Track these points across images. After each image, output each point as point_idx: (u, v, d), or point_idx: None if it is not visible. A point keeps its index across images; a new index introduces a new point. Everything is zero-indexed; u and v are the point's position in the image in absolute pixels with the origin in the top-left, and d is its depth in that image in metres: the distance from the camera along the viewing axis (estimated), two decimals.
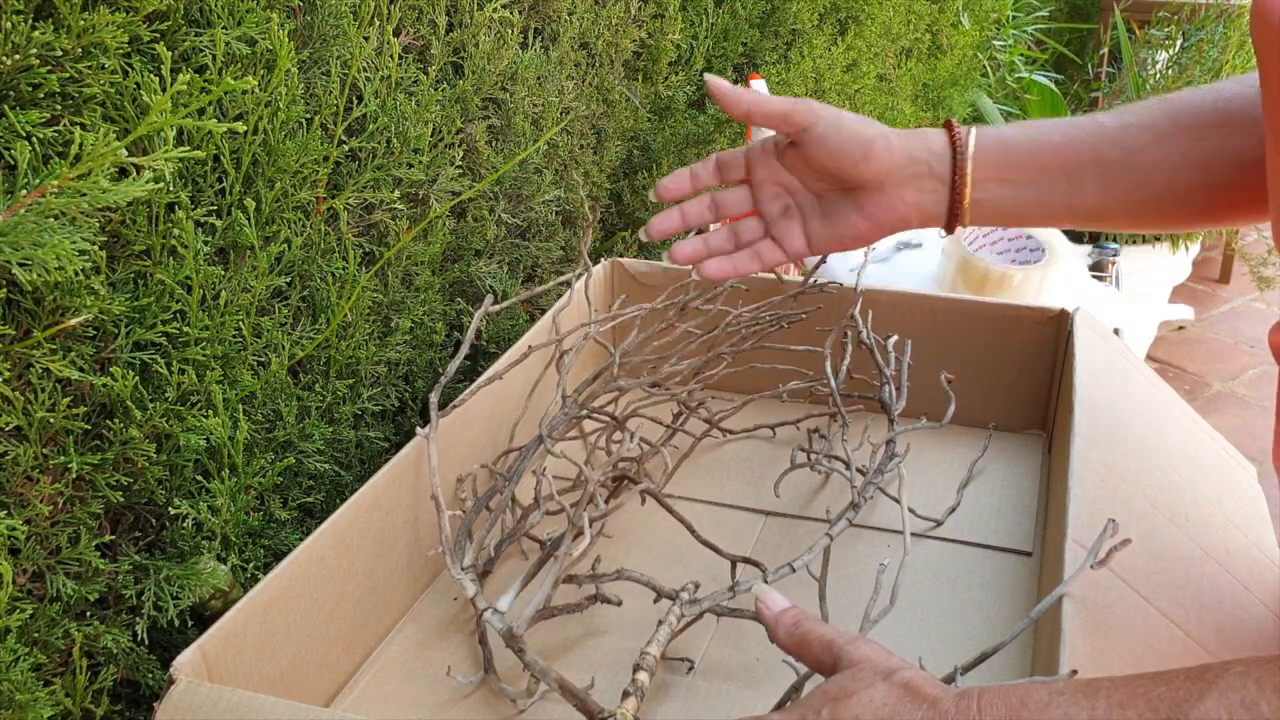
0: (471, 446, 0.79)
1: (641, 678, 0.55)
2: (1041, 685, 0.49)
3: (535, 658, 0.59)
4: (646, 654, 0.57)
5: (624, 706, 0.54)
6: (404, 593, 0.72)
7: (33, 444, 0.57)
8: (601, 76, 1.11)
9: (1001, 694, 0.48)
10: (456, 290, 0.97)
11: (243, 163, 0.68)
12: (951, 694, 0.49)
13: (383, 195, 0.82)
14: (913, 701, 0.50)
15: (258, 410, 0.74)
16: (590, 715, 0.54)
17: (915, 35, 2.04)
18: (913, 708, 0.49)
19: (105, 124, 0.58)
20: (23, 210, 0.49)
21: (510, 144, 0.97)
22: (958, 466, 0.87)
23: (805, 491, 0.85)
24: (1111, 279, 1.41)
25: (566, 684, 0.56)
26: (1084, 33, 3.25)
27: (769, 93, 1.13)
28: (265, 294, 0.72)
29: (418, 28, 0.84)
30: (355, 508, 0.66)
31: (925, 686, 0.50)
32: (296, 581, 0.61)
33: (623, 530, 0.80)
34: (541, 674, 0.58)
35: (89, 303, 0.58)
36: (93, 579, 0.61)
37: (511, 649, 0.60)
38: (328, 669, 0.65)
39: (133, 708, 0.66)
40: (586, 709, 0.55)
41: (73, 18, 0.54)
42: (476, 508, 0.73)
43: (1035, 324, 0.90)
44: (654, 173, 1.23)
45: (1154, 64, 2.15)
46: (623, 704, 0.54)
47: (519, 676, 0.64)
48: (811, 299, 0.92)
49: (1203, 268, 2.99)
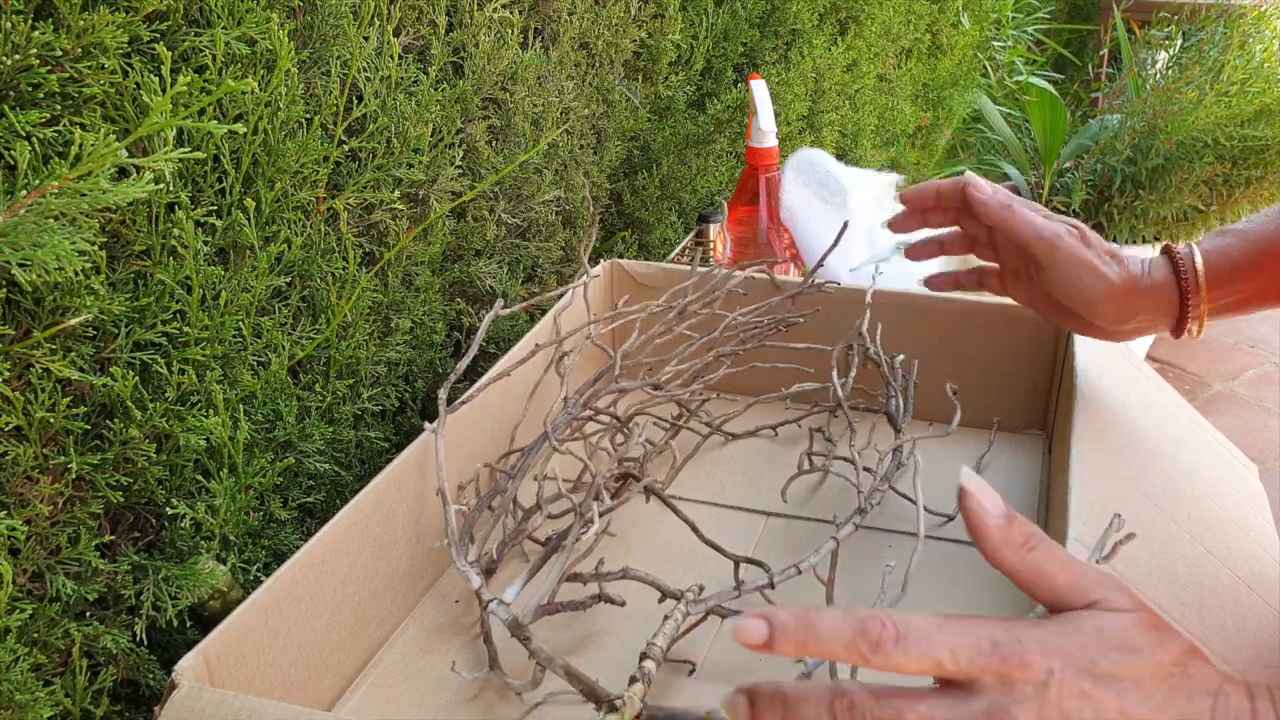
0: (472, 448, 0.79)
1: (649, 665, 0.55)
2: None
3: (541, 645, 0.59)
4: (653, 644, 0.57)
5: (631, 691, 0.54)
6: (405, 596, 0.72)
7: (33, 444, 0.57)
8: (601, 76, 1.11)
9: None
10: (456, 290, 0.97)
11: (243, 163, 0.68)
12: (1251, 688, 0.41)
13: (383, 195, 0.82)
14: (1201, 673, 0.41)
15: (258, 410, 0.73)
16: (598, 701, 0.54)
17: (915, 35, 2.04)
18: (1205, 683, 0.41)
19: (105, 124, 0.58)
20: (23, 211, 0.49)
21: (510, 144, 0.97)
22: (959, 464, 0.87)
23: (807, 492, 0.85)
24: None
25: (573, 671, 0.56)
26: (1084, 33, 3.25)
27: (768, 93, 1.13)
28: (265, 294, 0.72)
29: (418, 28, 0.84)
30: (356, 511, 0.65)
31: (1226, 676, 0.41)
32: (297, 585, 0.61)
33: (625, 531, 0.80)
34: (547, 661, 0.58)
35: (89, 303, 0.58)
36: (92, 579, 0.61)
37: (517, 637, 0.60)
38: (330, 672, 0.65)
39: (132, 708, 0.66)
40: (594, 695, 0.55)
41: (73, 18, 0.54)
42: (479, 507, 0.73)
43: (1035, 324, 0.90)
44: (654, 173, 1.23)
45: (1154, 64, 2.15)
46: (630, 689, 0.54)
47: (523, 675, 0.64)
48: (811, 300, 0.92)
49: None
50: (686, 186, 1.29)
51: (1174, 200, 1.96)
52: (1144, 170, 1.96)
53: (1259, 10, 2.11)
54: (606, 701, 0.54)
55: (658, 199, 1.25)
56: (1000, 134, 2.36)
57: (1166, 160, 1.93)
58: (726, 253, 1.18)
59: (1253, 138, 1.86)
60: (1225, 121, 1.89)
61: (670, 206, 1.28)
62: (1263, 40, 2.01)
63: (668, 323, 0.88)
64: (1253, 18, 2.08)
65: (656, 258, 1.30)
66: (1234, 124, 1.89)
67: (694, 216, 1.32)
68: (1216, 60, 1.98)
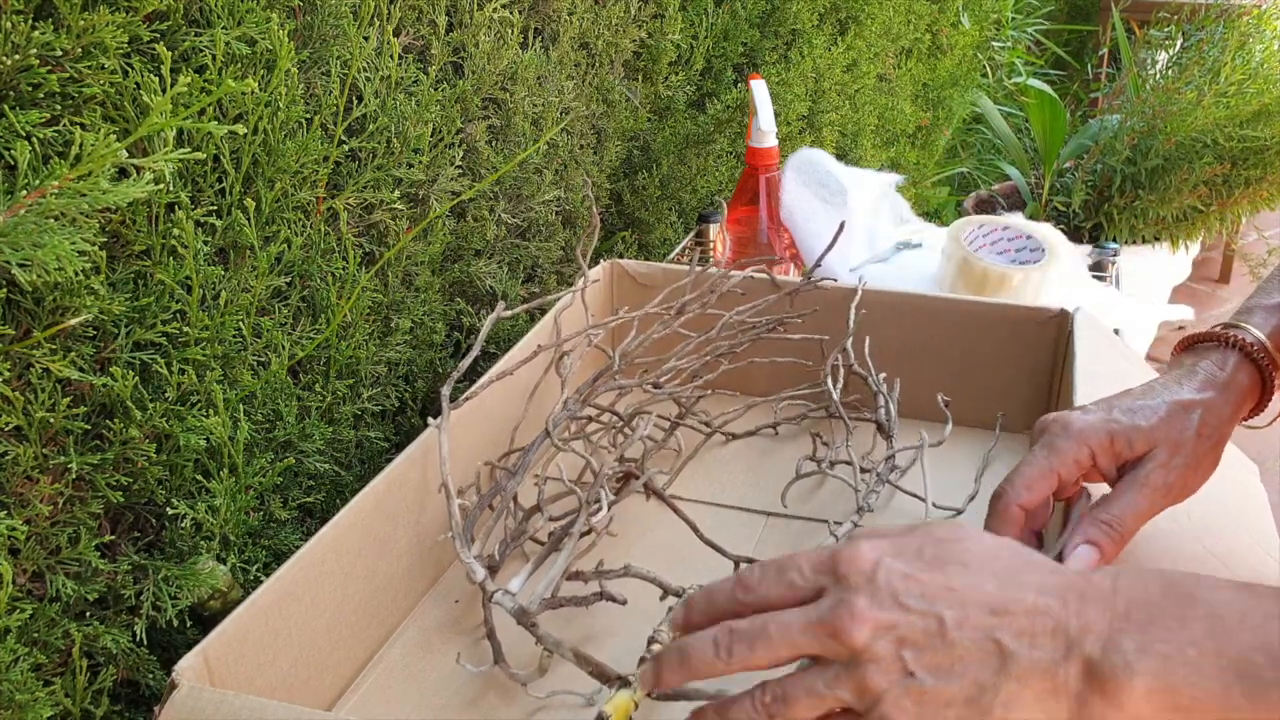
0: (472, 449, 0.79)
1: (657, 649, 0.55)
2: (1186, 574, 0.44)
3: (548, 632, 0.59)
4: (660, 630, 0.57)
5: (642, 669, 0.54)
6: (405, 595, 0.72)
7: (33, 444, 0.57)
8: (601, 76, 1.11)
9: (1141, 574, 0.44)
10: (456, 290, 0.97)
11: (243, 163, 0.68)
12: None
13: (383, 195, 0.82)
14: (1026, 558, 0.45)
15: (258, 410, 0.73)
16: (608, 680, 0.55)
17: (915, 35, 2.04)
18: (1028, 565, 0.44)
19: (105, 124, 0.58)
20: (23, 211, 0.49)
21: (510, 144, 0.97)
22: (963, 465, 0.87)
23: (806, 492, 0.85)
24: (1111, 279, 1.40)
25: (581, 653, 0.56)
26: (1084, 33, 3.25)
27: (768, 93, 1.13)
28: (265, 294, 0.72)
29: (418, 28, 0.84)
30: (356, 510, 0.65)
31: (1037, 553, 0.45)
32: (298, 584, 0.61)
33: (625, 531, 0.80)
34: (555, 645, 0.58)
35: (89, 303, 0.58)
36: (92, 579, 0.61)
37: (523, 625, 0.61)
38: (330, 672, 0.65)
39: (132, 708, 0.66)
40: (604, 675, 0.55)
41: (73, 18, 0.54)
42: (480, 505, 0.73)
43: (1035, 324, 0.90)
44: (654, 173, 1.23)
45: (1153, 64, 2.15)
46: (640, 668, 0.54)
47: (526, 669, 0.64)
48: (810, 299, 0.92)
49: (1203, 268, 2.99)
50: (686, 186, 1.29)
51: (1174, 200, 1.95)
52: (1144, 170, 1.96)
53: (1259, 10, 2.11)
54: (618, 678, 0.54)
55: (658, 199, 1.25)
56: (1000, 134, 2.36)
57: (1166, 160, 1.93)
58: (726, 253, 1.18)
59: (1252, 138, 1.86)
60: (1225, 122, 1.89)
61: (670, 206, 1.28)
62: (1262, 40, 2.01)
63: (666, 321, 0.88)
64: (1253, 18, 2.08)
65: (656, 258, 1.29)
66: (1233, 124, 1.89)
67: (694, 216, 1.32)
68: (1216, 60, 1.98)
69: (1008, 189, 2.28)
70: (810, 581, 0.46)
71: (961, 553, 0.45)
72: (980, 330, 0.91)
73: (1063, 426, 0.60)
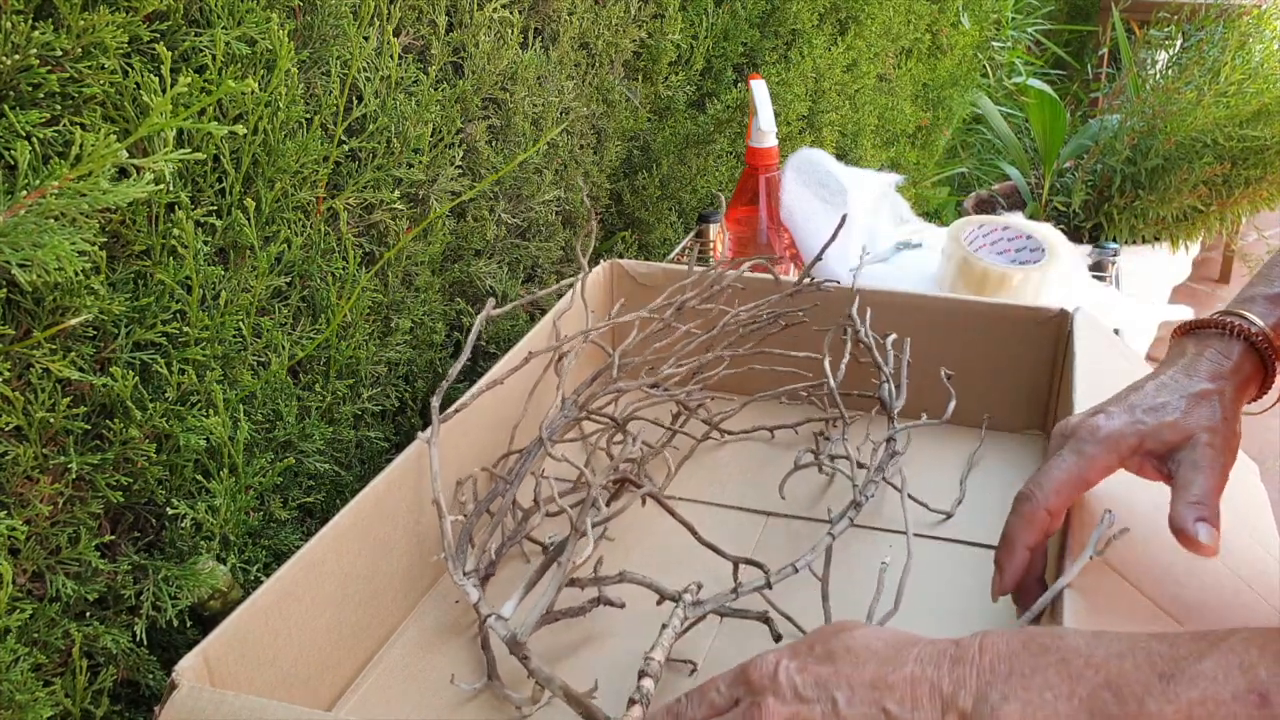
0: (471, 449, 0.79)
1: (647, 684, 0.55)
2: (1046, 629, 0.49)
3: (540, 665, 0.58)
4: (651, 659, 0.57)
5: (630, 714, 0.54)
6: (405, 596, 0.72)
7: (33, 444, 0.57)
8: (601, 76, 1.11)
9: (1004, 633, 0.49)
10: (456, 290, 0.97)
11: (243, 163, 0.68)
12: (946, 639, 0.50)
13: (383, 195, 0.82)
14: (908, 638, 0.51)
15: (258, 410, 0.73)
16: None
17: (915, 35, 2.04)
18: (909, 642, 0.50)
19: (105, 124, 0.58)
20: (23, 211, 0.49)
21: (510, 144, 0.97)
22: (958, 464, 0.87)
23: (806, 492, 0.85)
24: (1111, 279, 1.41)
25: (572, 692, 0.56)
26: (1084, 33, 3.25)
27: (768, 93, 1.13)
28: (265, 294, 0.72)
29: (418, 28, 0.84)
30: (356, 511, 0.65)
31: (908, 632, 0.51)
32: (298, 585, 0.61)
33: (623, 533, 0.80)
34: (546, 681, 0.57)
35: (89, 303, 0.58)
36: (92, 579, 0.61)
37: (516, 656, 0.60)
38: (330, 673, 0.65)
39: (132, 708, 0.66)
40: (592, 717, 0.55)
41: (73, 18, 0.54)
42: (477, 511, 0.73)
43: (1035, 324, 0.90)
44: (654, 173, 1.23)
45: (1153, 64, 2.15)
46: (629, 711, 0.54)
47: (522, 681, 0.64)
48: (809, 297, 0.92)
49: (1203, 268, 2.99)
50: (686, 186, 1.29)
51: (1174, 200, 1.96)
52: (1144, 170, 1.96)
53: (1259, 10, 2.11)
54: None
55: (658, 199, 1.25)
56: (1000, 134, 2.36)
57: (1166, 160, 1.93)
58: (726, 252, 1.18)
59: (1252, 138, 1.86)
60: (1225, 121, 1.89)
61: (670, 206, 1.28)
62: (1262, 40, 2.01)
63: (665, 320, 0.88)
64: (1253, 18, 2.08)
65: (656, 258, 1.30)
66: (1233, 124, 1.89)
67: (694, 216, 1.32)
68: (1216, 60, 1.98)
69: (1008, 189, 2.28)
70: (726, 695, 0.52)
71: (848, 645, 0.51)
72: (980, 330, 0.91)
73: (1090, 431, 0.61)
